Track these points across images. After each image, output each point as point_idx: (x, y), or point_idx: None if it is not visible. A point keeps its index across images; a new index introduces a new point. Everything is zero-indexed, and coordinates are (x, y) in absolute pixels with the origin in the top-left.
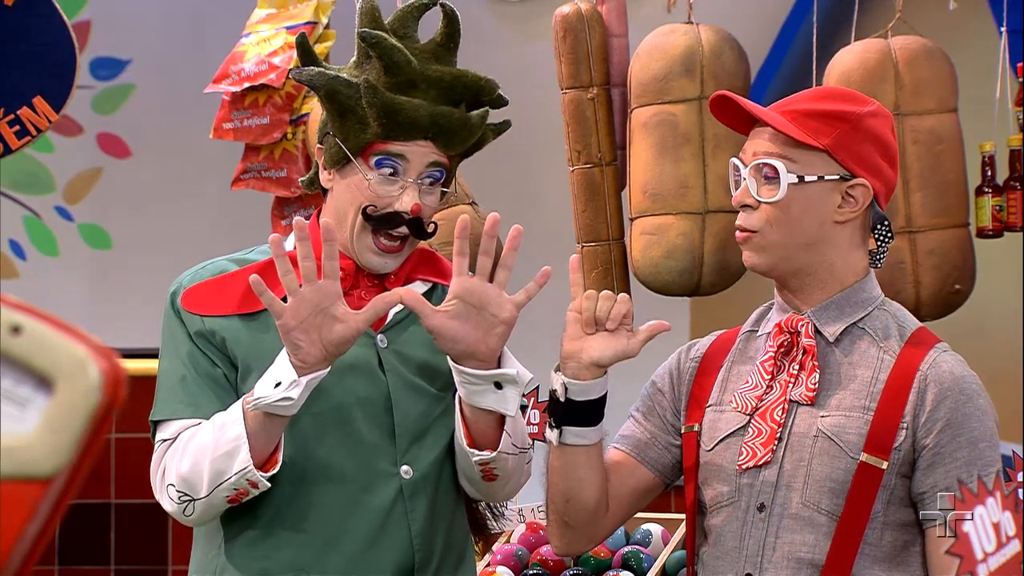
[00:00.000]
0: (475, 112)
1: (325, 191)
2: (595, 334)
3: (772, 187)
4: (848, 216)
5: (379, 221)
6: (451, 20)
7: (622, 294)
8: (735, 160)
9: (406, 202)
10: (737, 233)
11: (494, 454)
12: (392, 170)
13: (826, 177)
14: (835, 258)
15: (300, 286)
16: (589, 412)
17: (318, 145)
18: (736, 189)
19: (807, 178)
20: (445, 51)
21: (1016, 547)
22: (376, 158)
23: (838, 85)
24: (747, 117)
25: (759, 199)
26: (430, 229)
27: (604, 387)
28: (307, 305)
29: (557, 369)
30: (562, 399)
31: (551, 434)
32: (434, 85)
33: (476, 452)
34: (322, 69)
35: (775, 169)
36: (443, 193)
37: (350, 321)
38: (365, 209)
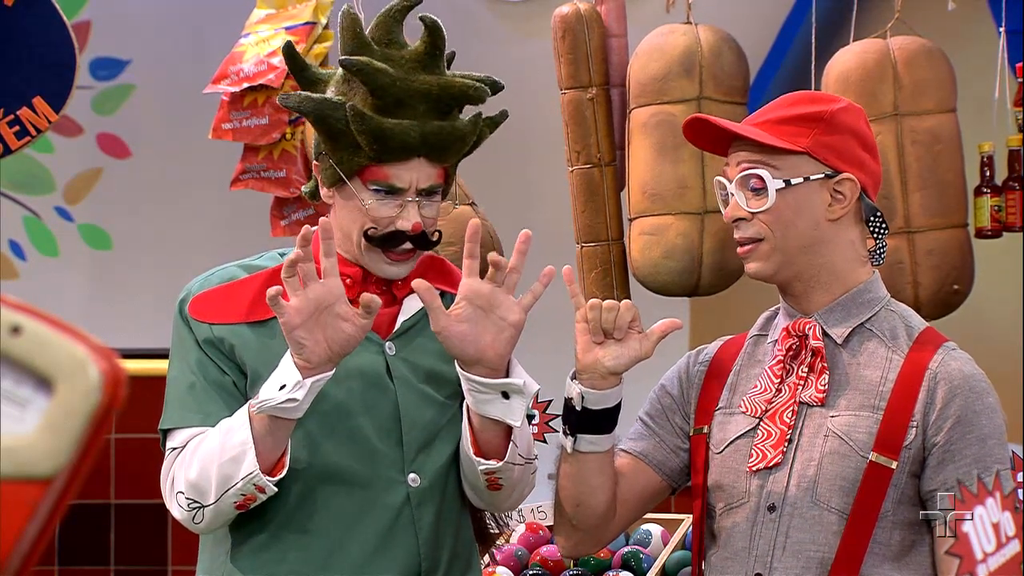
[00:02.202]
0: (466, 121)
1: None
2: (606, 342)
3: (760, 197)
4: (840, 212)
5: (382, 241)
6: (432, 31)
7: (624, 301)
8: (720, 179)
9: (406, 221)
10: (738, 248)
11: (500, 464)
12: (388, 190)
13: (811, 177)
14: (835, 258)
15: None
16: (604, 420)
17: (315, 161)
18: (725, 206)
19: (793, 181)
20: (430, 59)
21: (1016, 547)
22: (372, 183)
23: (837, 86)
24: (723, 137)
25: (750, 210)
26: (434, 238)
27: (619, 395)
28: (310, 303)
29: (573, 377)
30: (579, 408)
31: (566, 442)
32: (422, 99)
33: (482, 461)
34: (308, 94)
35: (761, 178)
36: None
37: (354, 319)
38: (367, 232)
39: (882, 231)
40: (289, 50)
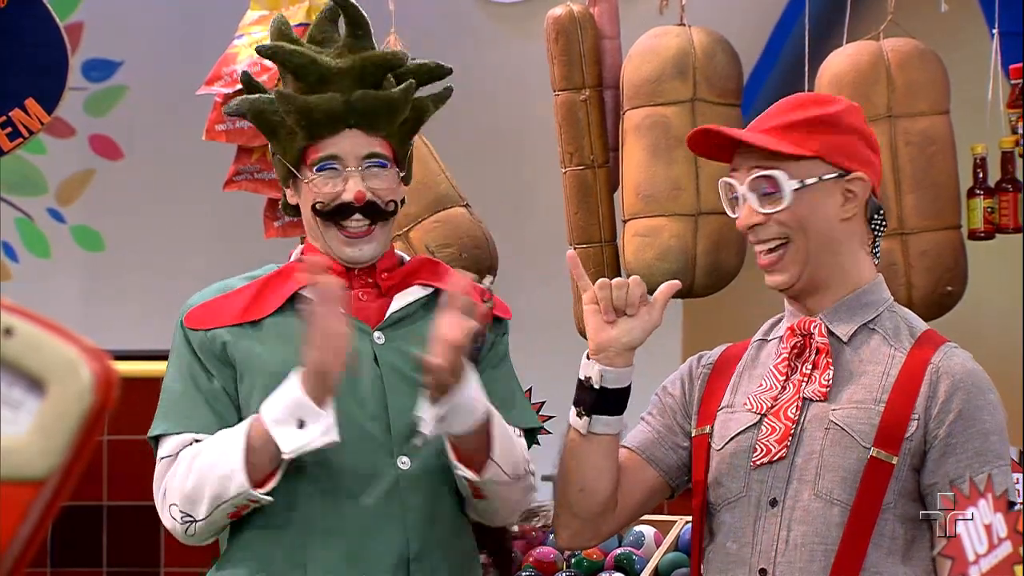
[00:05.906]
0: (397, 88)
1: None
2: (618, 320)
3: (774, 199)
4: (852, 211)
5: (331, 214)
6: (343, 9)
7: (633, 277)
8: (728, 180)
9: (350, 191)
10: (762, 259)
11: (478, 478)
12: (328, 166)
13: (824, 178)
14: (845, 259)
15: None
16: (619, 401)
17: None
18: (733, 210)
19: (807, 181)
20: (356, 40)
21: (1008, 549)
22: (316, 164)
23: (830, 87)
24: (727, 143)
25: (764, 211)
26: (389, 208)
27: (631, 376)
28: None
29: (588, 357)
30: (597, 387)
31: (579, 422)
32: (346, 75)
33: (461, 468)
34: (245, 96)
35: (775, 180)
36: (405, 177)
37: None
38: (315, 207)
39: (882, 227)
40: (247, 80)
